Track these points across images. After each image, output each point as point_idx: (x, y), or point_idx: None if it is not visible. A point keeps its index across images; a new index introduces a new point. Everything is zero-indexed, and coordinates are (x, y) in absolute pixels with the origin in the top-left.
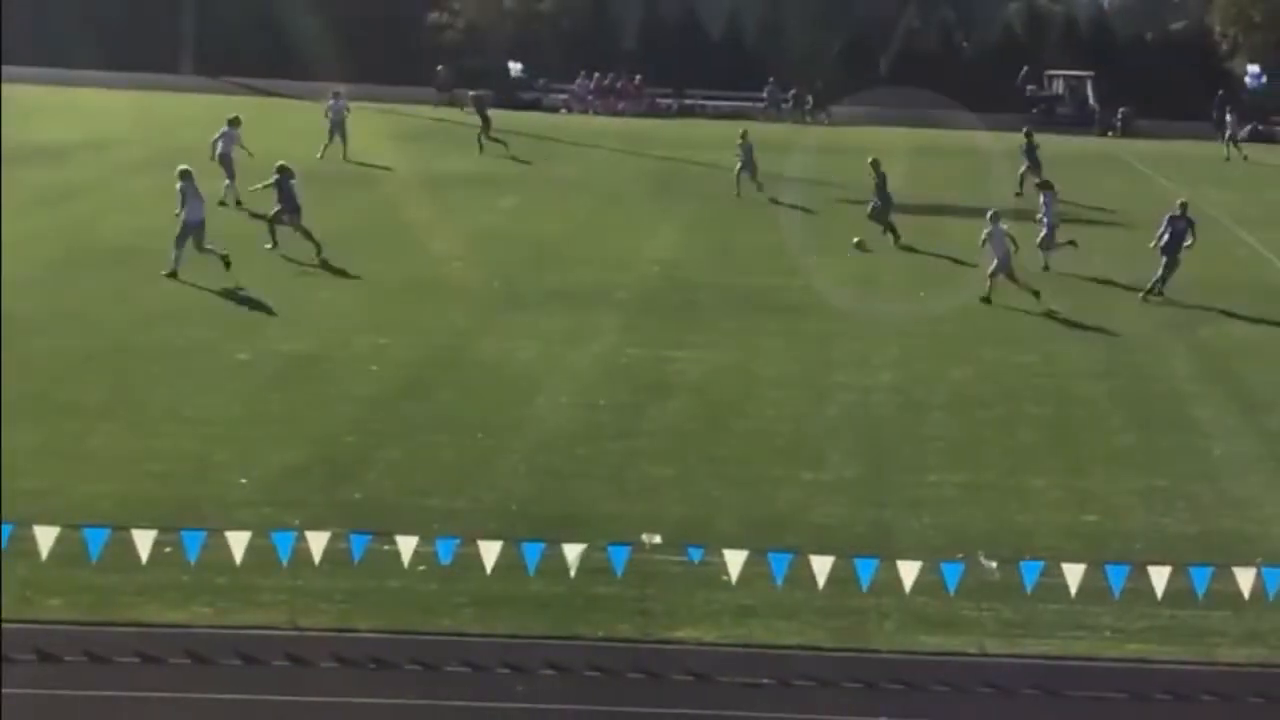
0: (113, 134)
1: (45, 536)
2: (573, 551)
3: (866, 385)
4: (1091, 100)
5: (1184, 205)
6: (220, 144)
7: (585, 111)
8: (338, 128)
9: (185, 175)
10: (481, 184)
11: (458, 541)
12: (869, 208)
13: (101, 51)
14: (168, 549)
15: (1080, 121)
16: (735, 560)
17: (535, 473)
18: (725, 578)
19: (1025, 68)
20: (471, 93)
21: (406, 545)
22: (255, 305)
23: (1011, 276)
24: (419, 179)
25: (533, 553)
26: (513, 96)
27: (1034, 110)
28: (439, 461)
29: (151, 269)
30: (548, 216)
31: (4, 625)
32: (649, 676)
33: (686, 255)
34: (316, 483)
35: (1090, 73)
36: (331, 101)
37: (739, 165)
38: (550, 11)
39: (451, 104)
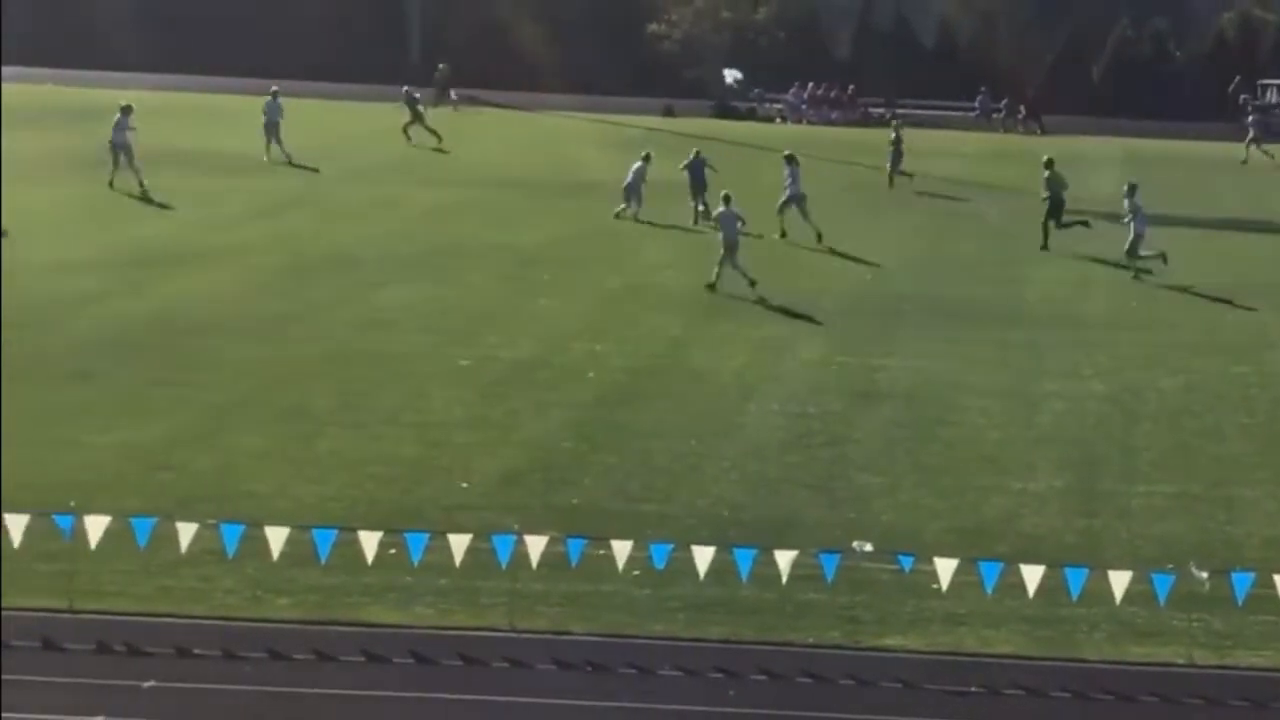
0: (333, 145)
1: (275, 537)
2: (784, 558)
3: (1076, 394)
4: None
5: None
6: (113, 132)
7: (799, 121)
8: (272, 129)
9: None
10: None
11: (671, 547)
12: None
13: (327, 64)
14: (392, 550)
15: None
16: (945, 568)
17: (746, 479)
18: (935, 586)
19: (1238, 77)
20: (404, 88)
21: (621, 550)
22: (475, 312)
23: (733, 261)
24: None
25: (744, 559)
26: (728, 106)
27: (1249, 119)
28: (653, 467)
29: (369, 276)
30: (758, 225)
31: (234, 622)
32: (858, 683)
33: (897, 264)
34: (534, 487)
35: None
36: (269, 100)
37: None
38: (765, 22)
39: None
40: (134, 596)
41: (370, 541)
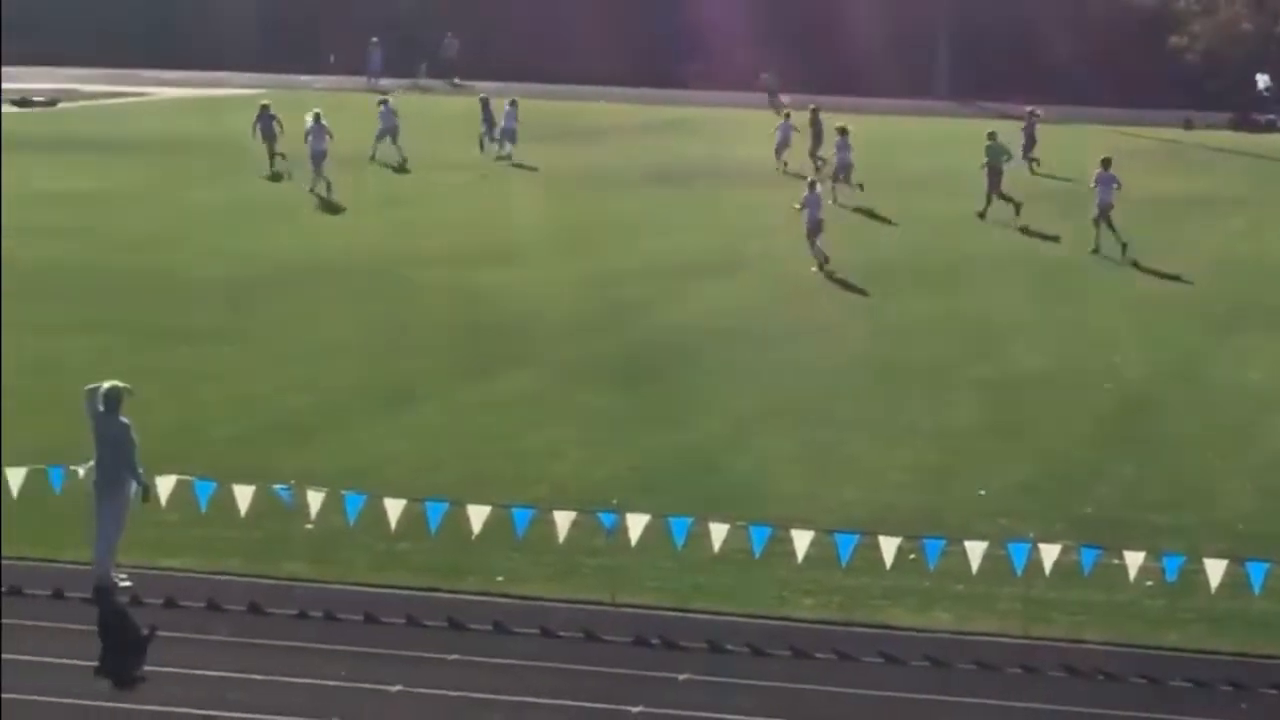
0: (874, 159)
1: (801, 540)
2: None
3: None
4: None
5: None
6: None
7: None
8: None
9: None
10: (1208, 205)
11: (1184, 558)
12: None
13: (858, 79)
14: (911, 555)
15: None
16: None
17: (1263, 493)
18: None
19: None
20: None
21: (1134, 560)
22: (996, 322)
23: None
24: (1142, 198)
25: (1257, 572)
26: (1248, 118)
27: None
28: (1167, 478)
29: (893, 286)
30: (1277, 239)
31: (761, 620)
32: None
33: None
34: (1050, 496)
35: None
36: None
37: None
38: None
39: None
40: (670, 592)
41: (890, 546)
